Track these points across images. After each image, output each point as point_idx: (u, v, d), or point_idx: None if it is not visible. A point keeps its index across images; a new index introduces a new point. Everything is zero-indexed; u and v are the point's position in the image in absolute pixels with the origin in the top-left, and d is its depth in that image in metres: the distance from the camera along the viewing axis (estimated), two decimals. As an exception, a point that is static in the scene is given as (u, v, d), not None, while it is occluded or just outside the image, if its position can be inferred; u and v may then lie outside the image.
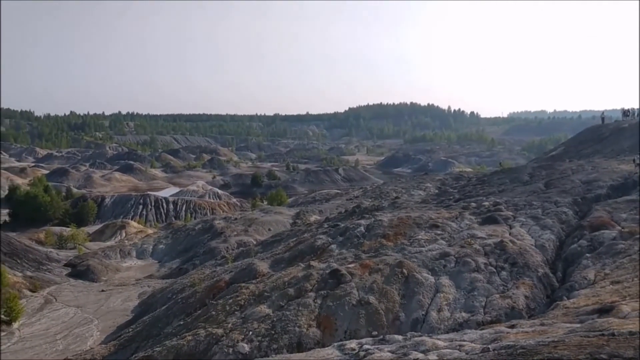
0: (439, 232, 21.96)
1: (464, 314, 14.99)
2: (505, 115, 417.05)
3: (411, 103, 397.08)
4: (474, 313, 14.95)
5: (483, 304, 15.35)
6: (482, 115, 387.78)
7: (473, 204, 27.42)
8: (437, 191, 49.22)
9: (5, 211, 73.68)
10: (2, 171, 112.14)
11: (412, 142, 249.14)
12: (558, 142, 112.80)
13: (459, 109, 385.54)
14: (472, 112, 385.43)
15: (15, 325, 30.34)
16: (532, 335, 9.45)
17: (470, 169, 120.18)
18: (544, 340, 7.86)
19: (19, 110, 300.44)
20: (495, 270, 17.23)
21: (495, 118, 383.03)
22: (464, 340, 10.04)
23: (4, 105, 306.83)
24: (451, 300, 15.74)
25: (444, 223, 23.09)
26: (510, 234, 20.77)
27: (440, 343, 9.85)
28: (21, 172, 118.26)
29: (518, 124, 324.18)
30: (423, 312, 15.32)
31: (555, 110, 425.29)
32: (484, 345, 8.68)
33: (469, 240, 19.99)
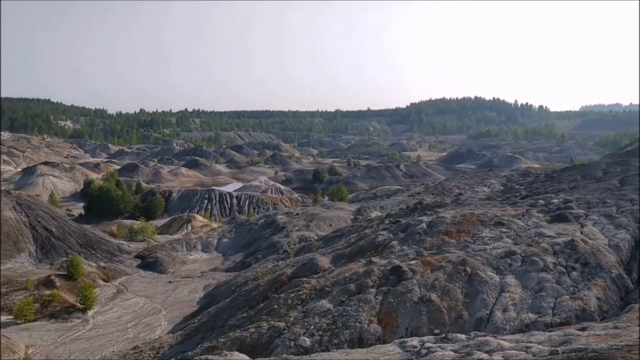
0: (504, 229, 21.35)
1: (531, 315, 14.53)
2: (576, 108, 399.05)
3: (475, 97, 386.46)
4: (541, 314, 14.46)
5: (552, 304, 14.82)
6: (552, 109, 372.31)
7: (541, 202, 26.44)
8: (502, 188, 47.84)
9: (80, 204, 78.01)
10: (78, 166, 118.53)
11: (476, 137, 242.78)
12: (634, 137, 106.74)
13: (527, 103, 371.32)
14: (540, 106, 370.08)
15: (90, 313, 32.07)
16: (605, 338, 9.04)
17: (538, 165, 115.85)
18: (617, 344, 7.50)
19: (94, 109, 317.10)
20: (565, 270, 16.58)
21: (566, 112, 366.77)
22: (531, 342, 9.75)
23: (80, 104, 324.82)
24: (517, 300, 15.28)
25: (510, 221, 22.40)
26: (581, 233, 19.89)
27: (506, 344, 9.60)
28: (95, 167, 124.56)
29: (591, 117, 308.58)
30: (487, 312, 14.96)
31: (631, 104, 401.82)
32: (553, 348, 8.39)
33: (536, 238, 19.31)
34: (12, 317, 30.60)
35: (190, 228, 61.56)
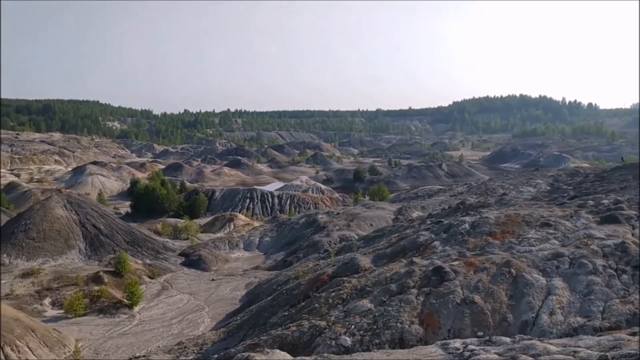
0: (551, 231, 20.75)
1: (579, 319, 14.08)
2: (627, 106, 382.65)
3: (521, 95, 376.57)
4: (590, 318, 14.00)
5: (601, 308, 14.32)
6: (601, 107, 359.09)
7: (590, 202, 25.58)
8: (549, 188, 46.53)
9: (127, 203, 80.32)
10: (125, 166, 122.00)
11: (521, 136, 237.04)
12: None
13: (575, 101, 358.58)
14: (589, 104, 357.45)
15: (136, 309, 32.95)
16: (658, 345, 8.68)
17: (587, 164, 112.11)
18: (672, 352, 7.19)
19: (140, 110, 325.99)
20: (615, 273, 15.99)
21: (617, 109, 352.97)
22: (579, 346, 9.46)
23: (127, 105, 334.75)
24: (565, 304, 14.84)
25: (557, 222, 21.76)
26: (633, 235, 19.13)
27: (553, 348, 9.34)
28: (141, 166, 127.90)
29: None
30: (533, 315, 14.59)
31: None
32: (602, 353, 8.11)
33: (585, 240, 18.68)
34: (62, 311, 31.81)
35: (232, 227, 62.46)
